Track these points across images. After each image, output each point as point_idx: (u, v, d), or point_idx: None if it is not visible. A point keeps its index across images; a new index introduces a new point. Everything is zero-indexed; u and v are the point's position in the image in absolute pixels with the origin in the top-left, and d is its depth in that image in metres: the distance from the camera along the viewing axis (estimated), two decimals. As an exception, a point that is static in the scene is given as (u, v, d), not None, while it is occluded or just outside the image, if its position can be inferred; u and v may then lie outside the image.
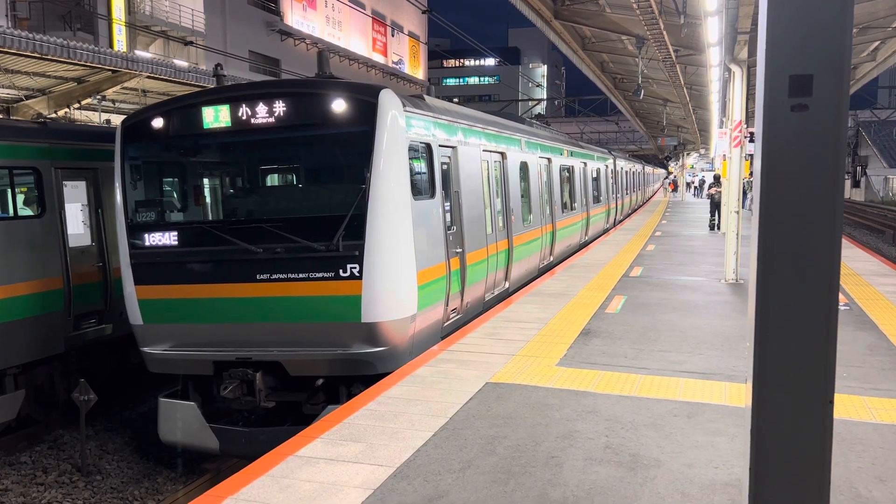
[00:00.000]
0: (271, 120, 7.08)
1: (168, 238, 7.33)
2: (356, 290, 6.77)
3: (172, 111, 7.48)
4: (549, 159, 14.53)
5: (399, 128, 7.08)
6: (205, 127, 7.27)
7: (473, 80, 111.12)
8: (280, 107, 7.05)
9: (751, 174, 17.11)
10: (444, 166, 8.52)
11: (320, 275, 6.84)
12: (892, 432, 5.07)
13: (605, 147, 33.33)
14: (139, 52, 23.98)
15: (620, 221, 27.48)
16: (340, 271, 6.77)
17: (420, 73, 53.21)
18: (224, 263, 7.14)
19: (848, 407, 5.58)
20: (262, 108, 7.09)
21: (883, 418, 5.35)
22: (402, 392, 6.02)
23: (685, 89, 24.17)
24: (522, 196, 12.28)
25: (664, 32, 14.95)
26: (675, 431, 5.11)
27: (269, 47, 35.52)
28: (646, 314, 9.16)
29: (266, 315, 7.04)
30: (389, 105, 7.01)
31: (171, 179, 8.20)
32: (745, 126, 12.46)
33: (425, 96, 8.67)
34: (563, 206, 16.03)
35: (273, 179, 8.70)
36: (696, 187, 59.22)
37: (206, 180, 8.08)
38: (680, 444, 4.89)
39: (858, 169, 63.00)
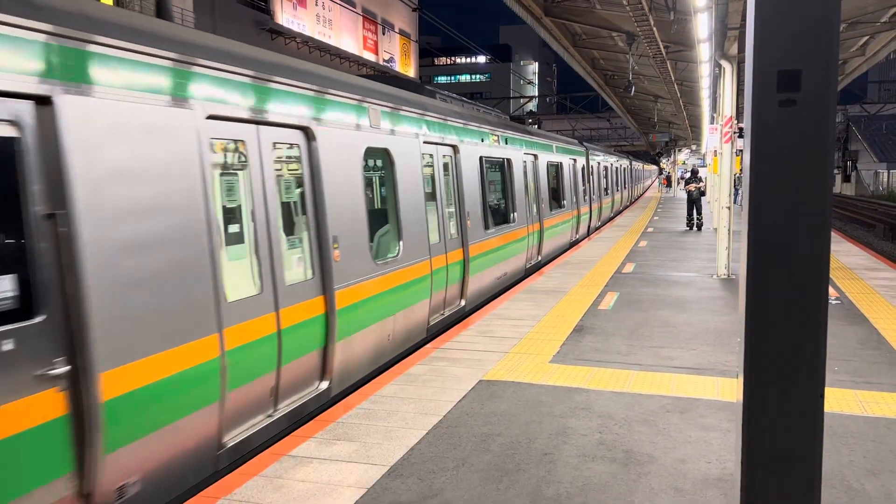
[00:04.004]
0: None
1: None
2: None
3: None
4: (453, 147, 9.69)
5: None
6: None
7: (465, 78, 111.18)
8: None
9: (741, 170, 17.04)
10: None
11: None
12: (883, 425, 5.10)
13: (575, 138, 28.28)
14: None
15: (598, 228, 23.41)
16: None
17: (411, 72, 53.15)
18: None
19: (839, 400, 5.61)
20: None
21: (874, 412, 5.38)
22: (396, 390, 6.02)
23: (676, 85, 24.24)
24: (374, 211, 7.50)
25: (654, 29, 14.98)
26: (669, 427, 5.13)
27: (260, 46, 35.36)
28: (638, 310, 9.18)
29: None
30: None
31: None
32: (736, 122, 12.50)
33: None
34: (491, 218, 11.23)
35: None
36: (686, 182, 59.28)
37: None
38: (673, 439, 4.90)
39: (848, 163, 63.30)
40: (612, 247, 16.68)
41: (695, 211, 21.21)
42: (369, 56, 46.00)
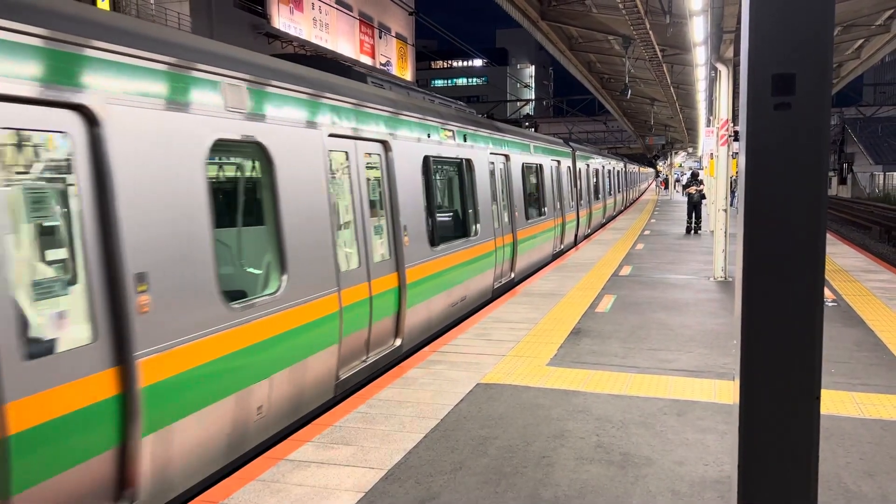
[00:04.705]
0: None
1: None
2: None
3: None
4: (382, 144, 7.45)
5: None
6: None
7: (462, 82, 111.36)
8: None
9: (737, 172, 16.73)
10: None
11: None
12: (879, 427, 5.11)
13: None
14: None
15: (588, 236, 21.53)
16: None
17: (408, 75, 53.21)
18: None
19: (836, 402, 5.62)
20: None
21: (871, 413, 5.39)
22: (393, 394, 6.02)
23: (672, 88, 24.29)
24: (234, 232, 5.86)
25: (650, 32, 15.02)
26: (666, 429, 5.13)
27: (256, 50, 35.33)
28: (635, 313, 9.19)
29: None
30: None
31: None
32: (732, 124, 12.54)
33: None
34: (441, 231, 9.17)
35: None
36: (683, 185, 59.39)
37: None
38: (670, 441, 4.91)
39: (844, 166, 63.49)
40: (609, 250, 16.70)
41: (695, 214, 20.94)
42: (366, 60, 46.06)
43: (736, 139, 13.40)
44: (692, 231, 20.95)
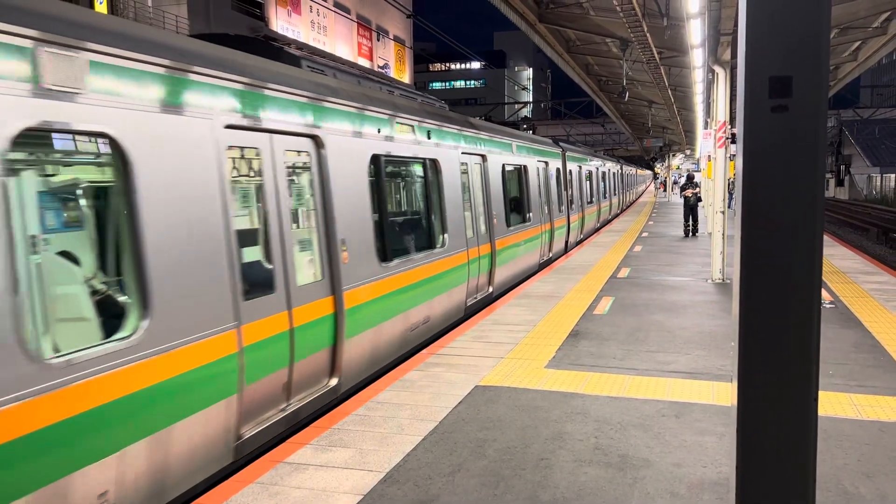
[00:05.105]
0: None
1: None
2: None
3: None
4: (313, 139, 6.18)
5: None
6: None
7: (459, 84, 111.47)
8: None
9: (735, 174, 16.62)
10: None
11: None
12: (877, 428, 5.12)
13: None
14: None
15: (581, 242, 20.36)
16: None
17: (406, 77, 53.24)
18: None
19: (834, 404, 5.63)
20: None
21: (868, 415, 5.40)
22: (391, 396, 6.02)
23: (670, 91, 24.33)
24: (60, 259, 4.23)
25: (648, 35, 15.05)
26: (664, 431, 5.14)
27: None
28: (634, 315, 9.20)
29: None
30: None
31: None
32: (729, 126, 12.57)
33: None
34: (397, 244, 8.00)
35: None
36: (681, 188, 59.50)
37: None
38: (668, 443, 4.91)
39: (842, 168, 63.62)
40: (607, 252, 16.71)
41: (691, 218, 20.87)
42: (364, 62, 46.09)
43: (733, 141, 13.43)
44: (690, 233, 20.90)
